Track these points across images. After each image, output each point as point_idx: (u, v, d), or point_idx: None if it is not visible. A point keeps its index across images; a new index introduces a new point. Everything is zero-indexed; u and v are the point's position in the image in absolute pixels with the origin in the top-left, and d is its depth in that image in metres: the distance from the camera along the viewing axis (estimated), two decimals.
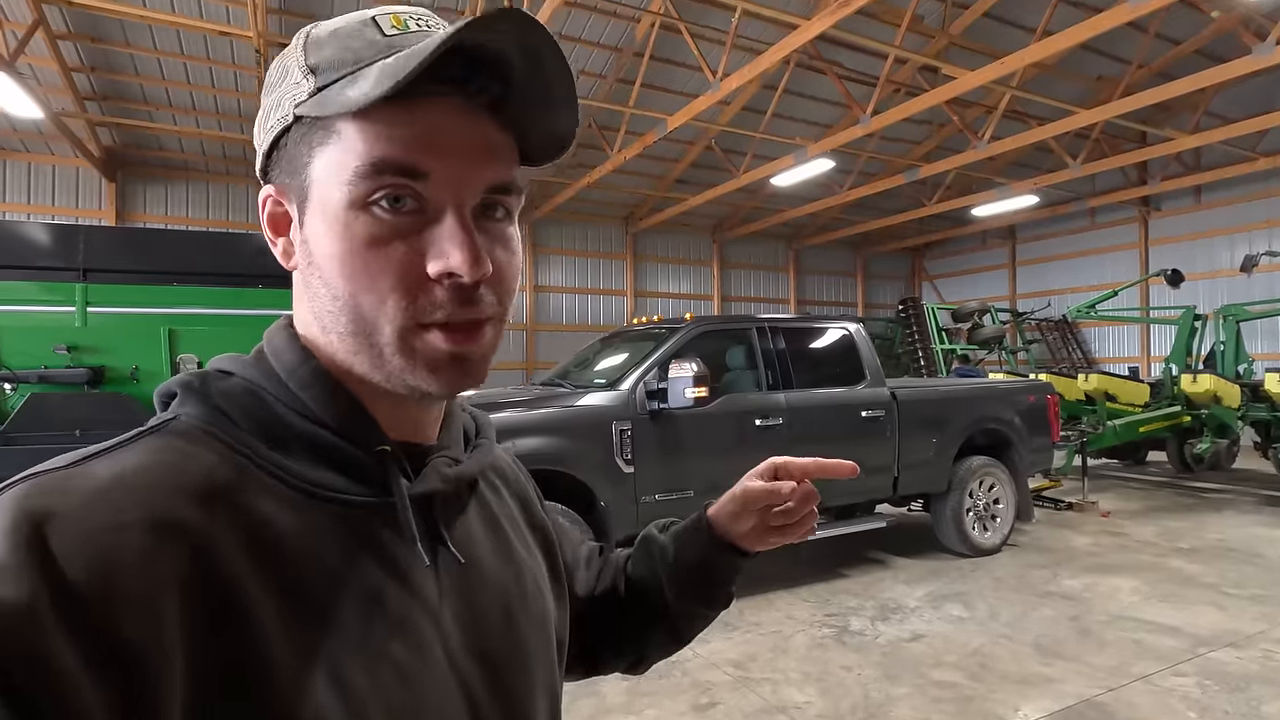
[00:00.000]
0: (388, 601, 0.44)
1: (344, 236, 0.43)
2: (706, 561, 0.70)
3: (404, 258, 0.43)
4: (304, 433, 0.45)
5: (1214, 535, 5.98)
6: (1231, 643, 3.65)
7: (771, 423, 4.45)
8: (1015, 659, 3.50)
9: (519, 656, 0.52)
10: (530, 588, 0.56)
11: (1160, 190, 12.77)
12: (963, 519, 5.30)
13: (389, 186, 0.42)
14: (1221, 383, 7.75)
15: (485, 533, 0.54)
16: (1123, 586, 4.64)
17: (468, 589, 0.49)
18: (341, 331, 0.45)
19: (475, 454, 0.55)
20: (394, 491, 0.46)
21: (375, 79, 0.41)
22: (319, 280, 0.45)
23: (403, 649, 0.43)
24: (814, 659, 3.53)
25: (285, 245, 0.48)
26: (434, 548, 0.48)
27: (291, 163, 0.45)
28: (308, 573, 0.41)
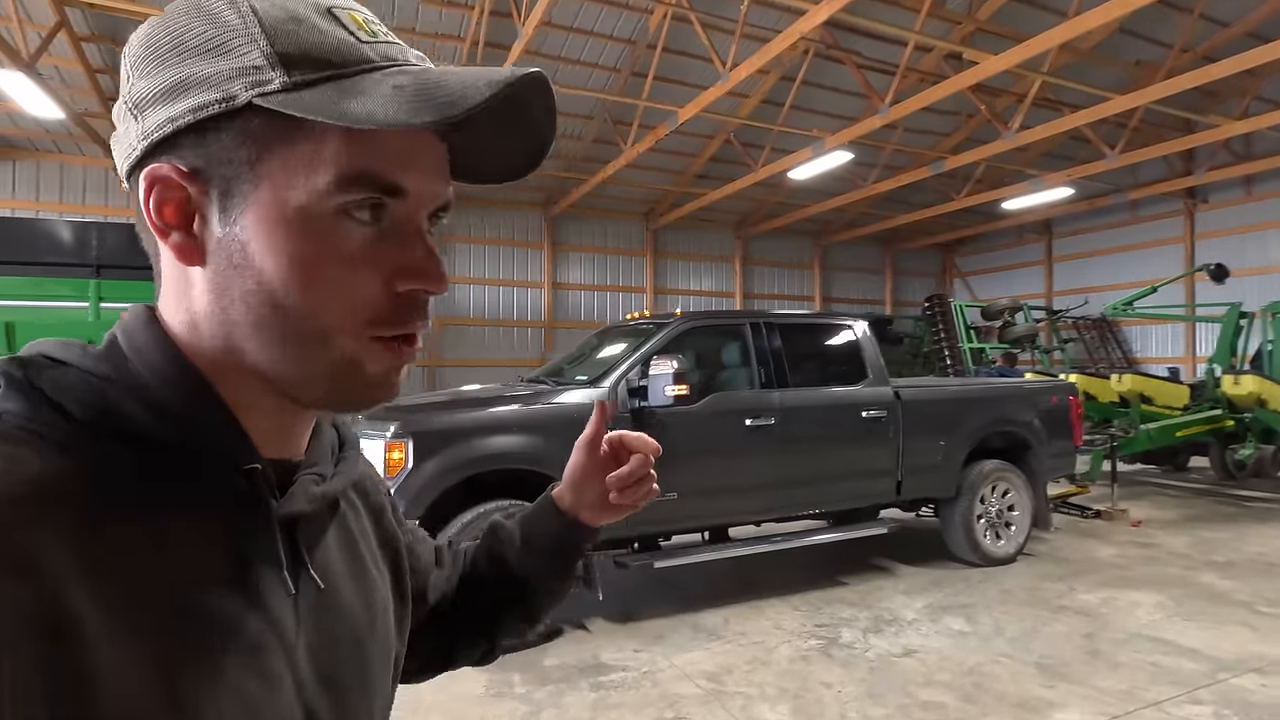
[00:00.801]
0: (243, 631, 0.41)
1: (307, 243, 0.41)
2: (554, 536, 0.72)
3: (369, 269, 0.42)
4: (161, 442, 0.41)
5: (1254, 548, 5.57)
6: (1258, 668, 3.34)
7: (763, 422, 4.25)
8: (1015, 679, 3.25)
9: (364, 682, 0.50)
10: (379, 608, 0.55)
11: (1207, 181, 12.10)
12: (973, 526, 5.01)
13: (366, 199, 0.41)
14: (1267, 384, 7.25)
15: (342, 554, 0.52)
16: (1144, 602, 4.31)
17: (323, 615, 0.48)
18: (272, 339, 0.42)
19: (342, 469, 0.52)
20: (261, 513, 0.43)
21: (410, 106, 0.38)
22: (254, 285, 0.41)
23: (254, 681, 0.41)
24: (794, 673, 3.33)
25: (184, 239, 0.42)
26: (295, 572, 0.45)
27: (221, 149, 0.41)
28: (154, 601, 0.38)
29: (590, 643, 3.73)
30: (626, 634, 3.85)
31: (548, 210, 14.11)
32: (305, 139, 0.40)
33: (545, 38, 9.49)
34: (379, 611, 0.54)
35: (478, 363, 13.23)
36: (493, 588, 0.72)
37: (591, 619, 4.05)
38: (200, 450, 0.42)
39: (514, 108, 0.43)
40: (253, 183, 0.41)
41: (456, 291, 13.53)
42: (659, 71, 9.53)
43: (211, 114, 0.40)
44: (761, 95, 10.87)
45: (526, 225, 14.13)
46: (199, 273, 0.42)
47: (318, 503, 0.48)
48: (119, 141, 0.44)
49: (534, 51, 9.61)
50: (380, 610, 0.55)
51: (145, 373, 0.42)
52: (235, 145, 0.41)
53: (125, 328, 0.44)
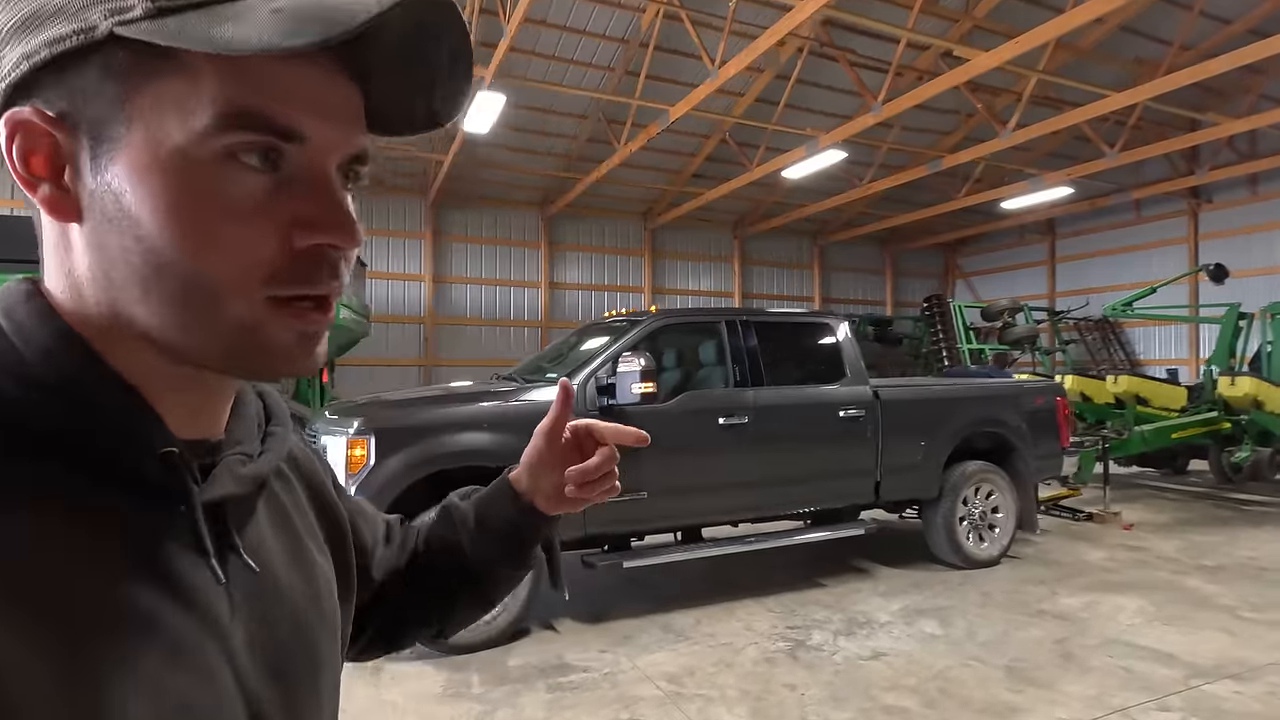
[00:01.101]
0: (164, 627, 0.37)
1: (187, 191, 0.36)
2: (509, 522, 0.69)
3: (264, 222, 0.37)
4: (56, 432, 0.37)
5: (1245, 552, 5.46)
6: (1235, 674, 3.26)
7: (736, 421, 4.20)
8: (981, 684, 3.18)
9: (309, 666, 0.47)
10: (322, 588, 0.51)
11: (1210, 180, 11.95)
12: (955, 528, 4.94)
13: (255, 142, 0.36)
14: (1264, 386, 7.12)
15: (276, 533, 0.49)
16: (1126, 607, 4.23)
17: (260, 601, 0.44)
18: (159, 300, 0.37)
19: (270, 446, 0.48)
20: (183, 500, 0.40)
21: (283, 27, 0.33)
22: (133, 242, 0.36)
23: (186, 679, 0.37)
24: (758, 675, 3.28)
25: (54, 191, 0.37)
26: (225, 558, 0.42)
27: (86, 88, 0.36)
28: (65, 604, 0.34)
29: (556, 643, 3.69)
30: (594, 634, 3.81)
31: (544, 210, 14.10)
32: (178, 73, 0.36)
33: (539, 36, 9.49)
34: (322, 590, 0.51)
35: (474, 362, 13.23)
36: (445, 570, 0.69)
37: (560, 619, 4.01)
38: (102, 434, 0.38)
39: (414, 38, 0.40)
40: (124, 125, 0.36)
41: (453, 291, 13.54)
42: (652, 70, 9.50)
43: (70, 47, 0.35)
44: (756, 94, 10.81)
45: (523, 225, 14.13)
46: (76, 230, 0.38)
47: (247, 484, 0.44)
48: None
49: (528, 51, 9.61)
50: (324, 588, 0.52)
51: (30, 354, 0.37)
52: (100, 83, 0.36)
53: (4, 303, 0.39)
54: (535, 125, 11.36)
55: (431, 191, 12.82)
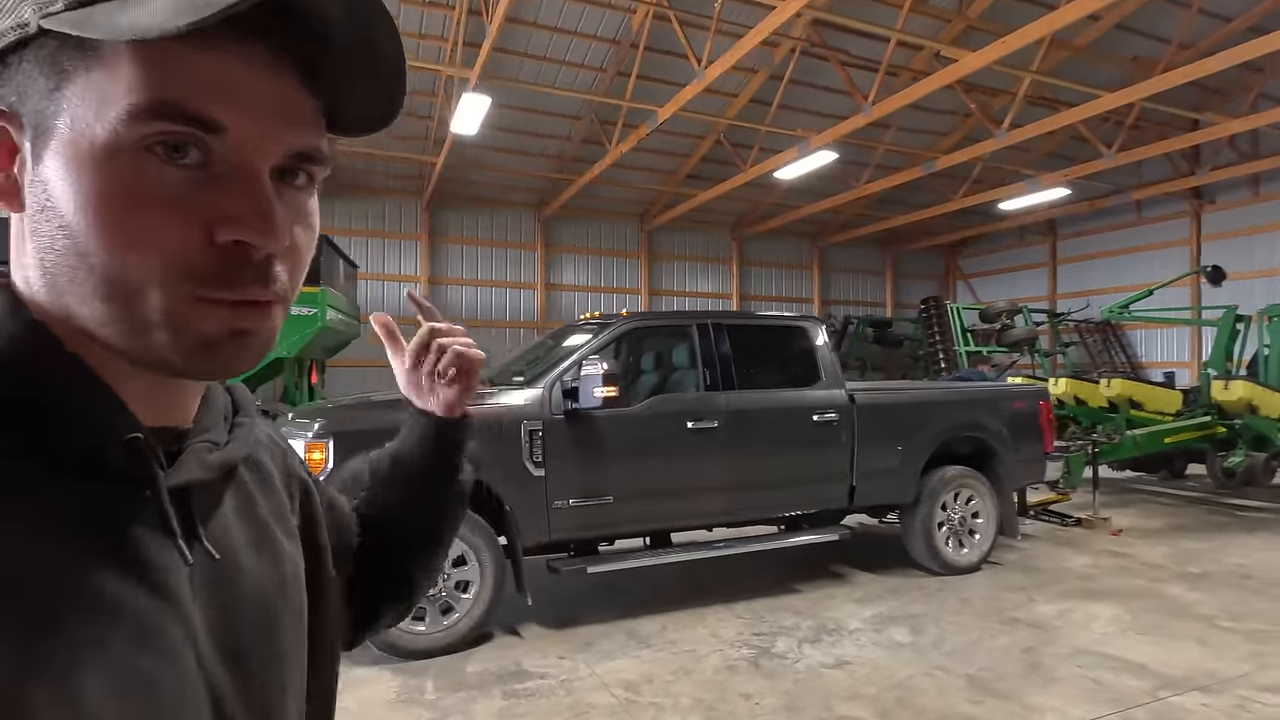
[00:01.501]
0: (133, 609, 0.38)
1: (105, 183, 0.36)
2: (425, 440, 0.70)
3: (184, 217, 0.37)
4: (23, 418, 0.37)
5: (1234, 560, 5.37)
6: (1204, 686, 3.19)
7: (706, 425, 4.16)
8: (941, 694, 3.13)
9: (273, 653, 0.47)
10: (290, 577, 0.51)
11: (1211, 181, 11.80)
12: (933, 533, 4.88)
13: (170, 133, 0.36)
14: (1258, 390, 7.01)
15: (242, 522, 0.49)
16: (1102, 615, 4.16)
17: (222, 587, 0.44)
18: (86, 295, 0.38)
19: (238, 435, 0.49)
20: (148, 485, 0.40)
21: (171, 7, 0.33)
22: (58, 231, 0.37)
23: (149, 660, 0.38)
24: (716, 684, 3.23)
25: (4, 182, 0.39)
26: (188, 543, 0.42)
27: (25, 83, 0.37)
28: (25, 586, 0.34)
29: (517, 648, 3.66)
30: (556, 640, 3.77)
31: (540, 211, 14.09)
32: (97, 63, 0.36)
33: (530, 37, 9.48)
34: (289, 579, 0.51)
35: None
36: (391, 527, 0.70)
37: (525, 624, 3.98)
38: (67, 420, 0.38)
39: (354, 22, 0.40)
40: (55, 117, 0.37)
41: (448, 292, 13.55)
42: (643, 71, 9.46)
43: (8, 43, 0.37)
44: (750, 94, 10.76)
45: (519, 226, 14.12)
46: (21, 221, 0.39)
47: (213, 471, 0.44)
48: None
49: (519, 52, 9.60)
50: (291, 577, 0.51)
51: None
52: (35, 76, 0.37)
53: None
54: (528, 126, 11.35)
55: (426, 193, 12.84)
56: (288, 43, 0.39)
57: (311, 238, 0.44)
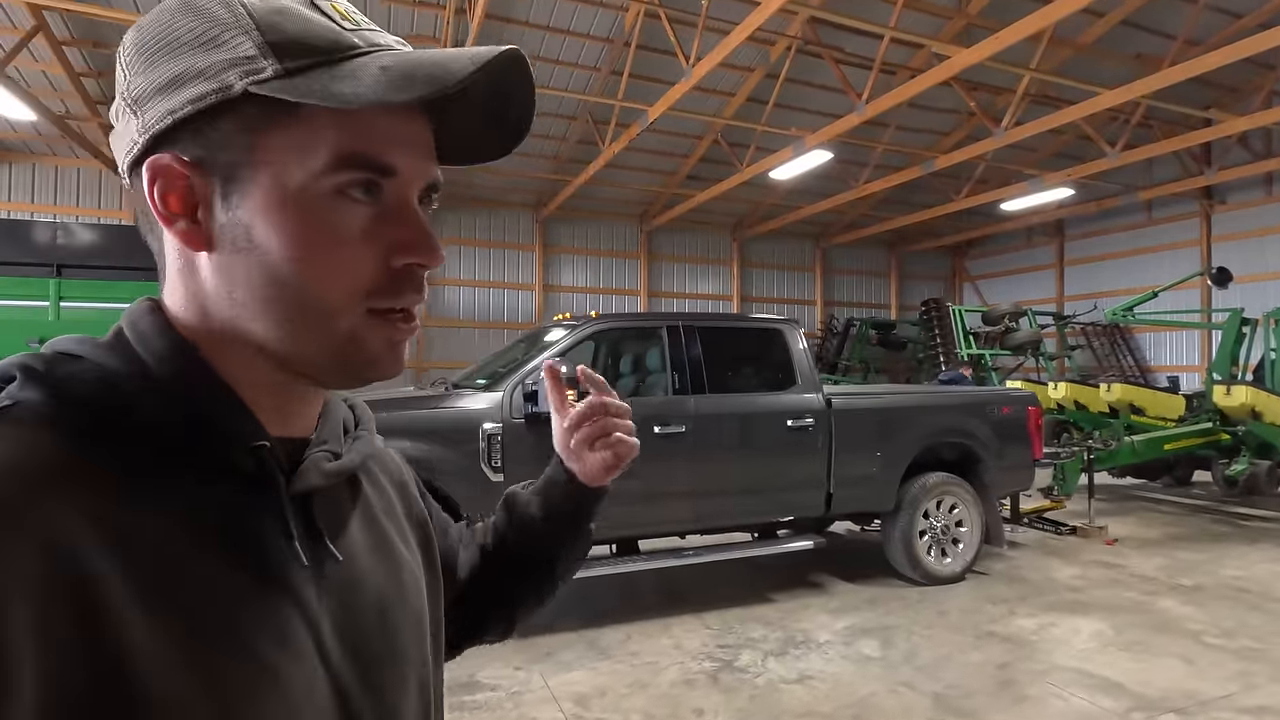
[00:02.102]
0: (263, 605, 0.43)
1: (309, 223, 0.43)
2: (569, 502, 0.74)
3: (369, 247, 0.44)
4: (169, 426, 0.43)
5: (1230, 572, 5.19)
6: (1180, 708, 3.04)
7: (674, 430, 4.05)
8: (904, 713, 3.00)
9: (393, 651, 0.51)
10: (409, 582, 0.55)
11: (1221, 180, 11.53)
12: (914, 542, 4.74)
13: (359, 179, 0.43)
14: (1261, 395, 6.79)
15: (363, 528, 0.53)
16: (1084, 630, 4.01)
17: (344, 587, 0.48)
18: (278, 317, 0.44)
19: (355, 446, 0.53)
20: (272, 490, 0.45)
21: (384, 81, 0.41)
22: (255, 264, 0.43)
23: (277, 653, 0.42)
24: (669, 699, 3.13)
25: (189, 226, 0.44)
26: (312, 546, 0.46)
27: (220, 137, 0.43)
28: (173, 577, 0.39)
29: (475, 658, 3.57)
30: (517, 649, 3.68)
31: (538, 212, 14.03)
32: (299, 124, 0.42)
33: (522, 35, 9.41)
34: (408, 583, 0.55)
35: (465, 365, 13.20)
36: (517, 558, 0.74)
37: None
38: (207, 432, 0.43)
39: (495, 85, 0.46)
40: (252, 168, 0.42)
41: (446, 293, 13.52)
42: (636, 70, 9.36)
43: (209, 104, 0.42)
44: (747, 93, 10.64)
45: (518, 227, 14.07)
46: (204, 258, 0.44)
47: (331, 478, 0.49)
48: (118, 139, 0.45)
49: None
50: (410, 584, 0.56)
51: (150, 360, 0.43)
52: (233, 133, 0.42)
53: (130, 319, 0.46)
54: None
55: None
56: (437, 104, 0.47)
57: None
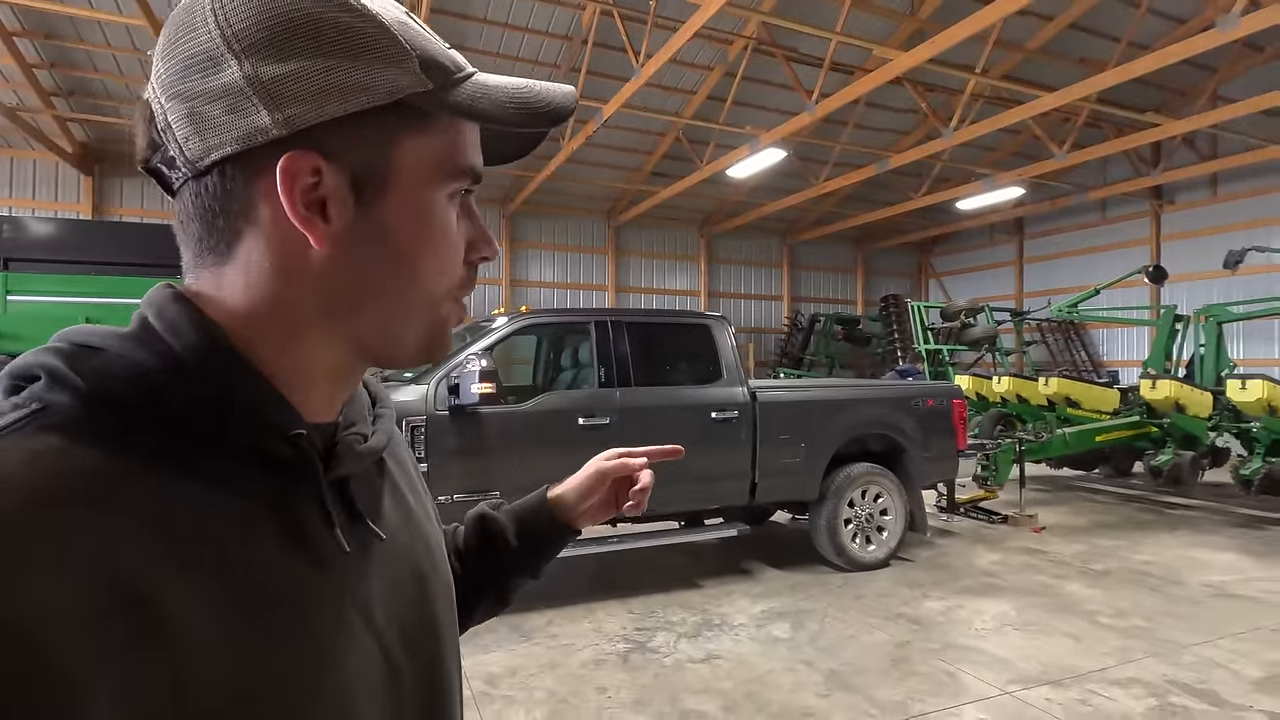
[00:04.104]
0: (315, 588, 0.44)
1: (432, 223, 0.46)
2: (543, 539, 0.78)
3: (460, 245, 0.49)
4: (207, 419, 0.42)
5: (1142, 557, 5.44)
6: (1055, 681, 3.24)
7: (598, 422, 4.19)
8: (795, 688, 3.17)
9: (432, 622, 0.54)
10: (438, 555, 0.58)
11: (1168, 180, 11.88)
12: (838, 530, 4.93)
13: (467, 186, 0.48)
14: (1185, 389, 7.07)
15: (393, 504, 0.55)
16: (988, 611, 4.22)
17: (385, 563, 0.50)
18: (390, 310, 0.46)
19: (380, 426, 0.55)
20: (311, 476, 0.45)
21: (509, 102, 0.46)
22: (382, 260, 0.45)
23: (333, 633, 0.44)
24: (576, 678, 3.27)
25: (319, 224, 0.45)
26: (353, 527, 0.48)
27: (362, 140, 0.44)
28: (224, 568, 0.40)
29: None
30: None
31: (504, 207, 14.09)
32: (430, 134, 0.46)
33: (482, 33, 9.47)
34: (437, 554, 0.58)
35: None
36: (477, 572, 0.77)
37: None
38: (245, 422, 0.43)
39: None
40: (388, 171, 0.45)
41: None
42: (595, 67, 9.47)
43: (371, 105, 0.43)
44: (707, 92, 10.78)
45: (483, 221, 14.10)
46: (317, 254, 0.44)
47: (364, 461, 0.51)
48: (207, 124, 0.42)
49: (473, 49, 9.59)
50: (439, 554, 0.59)
51: (182, 351, 0.42)
52: (374, 137, 0.44)
53: (155, 308, 0.44)
54: None
55: None
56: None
57: None
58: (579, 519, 0.80)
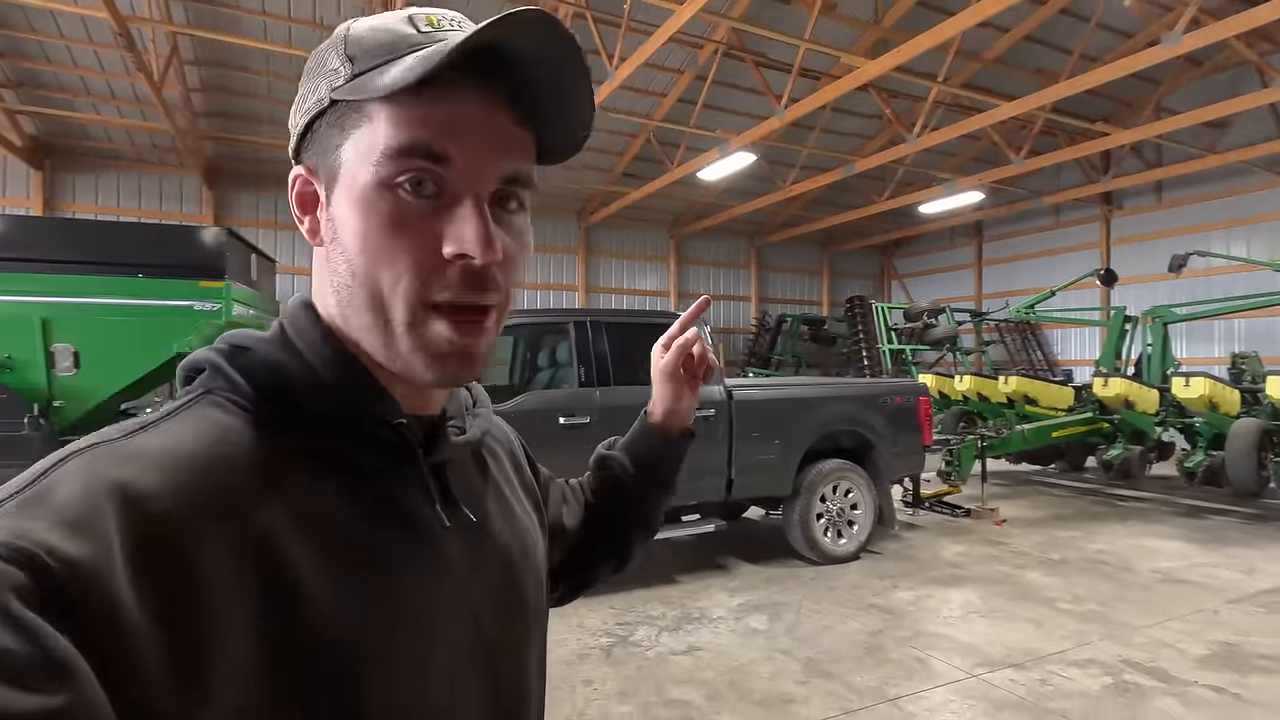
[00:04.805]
0: (420, 562, 0.49)
1: (368, 215, 0.46)
2: (659, 453, 0.84)
3: (421, 238, 0.46)
4: (324, 407, 0.48)
5: (1097, 546, 5.71)
6: (1018, 663, 3.41)
7: (579, 421, 4.25)
8: (774, 677, 3.28)
9: (520, 604, 0.58)
10: (529, 542, 0.62)
11: (1117, 187, 12.40)
12: (811, 525, 5.07)
13: (413, 170, 0.45)
14: (1134, 387, 7.43)
15: (488, 493, 0.60)
16: (955, 600, 4.39)
17: (476, 543, 0.55)
18: (357, 307, 0.48)
19: (476, 422, 0.60)
20: (413, 460, 0.51)
21: (408, 66, 0.44)
22: (340, 256, 0.48)
23: (435, 605, 0.49)
24: (562, 672, 3.33)
25: (311, 223, 0.51)
26: (448, 509, 0.53)
27: (323, 144, 0.48)
28: (342, 537, 0.45)
29: None
30: None
31: None
32: (365, 121, 0.46)
33: None
34: (529, 542, 0.62)
35: None
36: (615, 510, 0.83)
37: None
38: (355, 412, 0.49)
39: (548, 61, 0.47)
40: (339, 167, 0.47)
41: None
42: None
43: (311, 115, 0.49)
44: (677, 95, 10.89)
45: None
46: (319, 253, 0.50)
47: (460, 450, 0.55)
48: None
49: None
50: (531, 541, 0.62)
51: (305, 351, 0.49)
52: (326, 138, 0.48)
53: (289, 313, 0.52)
54: None
55: None
56: (496, 86, 0.48)
57: (523, 251, 0.52)
58: (684, 419, 0.85)
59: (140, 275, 7.02)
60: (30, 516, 0.35)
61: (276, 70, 9.65)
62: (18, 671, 0.30)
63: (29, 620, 0.31)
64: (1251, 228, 12.06)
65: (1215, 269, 11.76)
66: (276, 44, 8.60)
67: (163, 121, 9.23)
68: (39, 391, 6.86)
